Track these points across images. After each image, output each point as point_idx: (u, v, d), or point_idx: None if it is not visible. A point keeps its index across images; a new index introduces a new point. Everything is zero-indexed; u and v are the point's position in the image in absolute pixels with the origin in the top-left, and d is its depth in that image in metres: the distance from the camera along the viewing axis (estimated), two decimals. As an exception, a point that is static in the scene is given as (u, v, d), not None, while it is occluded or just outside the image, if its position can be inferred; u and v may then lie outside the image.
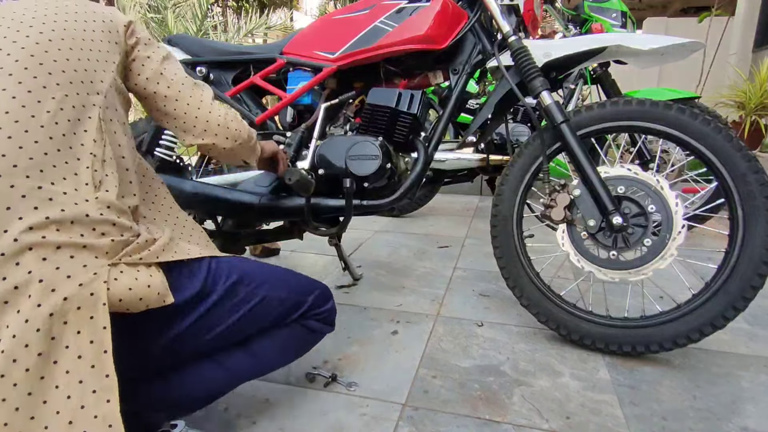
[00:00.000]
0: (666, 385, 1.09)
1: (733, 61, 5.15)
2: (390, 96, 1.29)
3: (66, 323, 0.59)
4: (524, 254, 1.30)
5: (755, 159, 1.09)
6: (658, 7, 9.18)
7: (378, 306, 1.51)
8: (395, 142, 1.33)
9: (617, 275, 1.18)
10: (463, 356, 1.21)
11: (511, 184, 1.31)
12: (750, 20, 5.24)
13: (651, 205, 1.15)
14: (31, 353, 0.56)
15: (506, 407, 1.00)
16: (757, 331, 1.37)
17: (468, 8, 1.39)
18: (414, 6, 1.34)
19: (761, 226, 1.06)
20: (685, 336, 1.12)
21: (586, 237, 1.20)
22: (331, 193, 1.35)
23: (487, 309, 1.49)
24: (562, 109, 1.20)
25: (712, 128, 1.11)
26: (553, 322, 1.25)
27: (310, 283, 0.96)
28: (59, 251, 0.61)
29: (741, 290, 1.07)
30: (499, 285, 1.69)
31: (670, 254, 1.13)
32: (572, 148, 1.19)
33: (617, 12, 2.34)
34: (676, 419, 0.97)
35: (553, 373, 1.13)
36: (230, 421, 0.96)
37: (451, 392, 1.05)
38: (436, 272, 1.83)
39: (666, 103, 1.15)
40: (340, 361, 1.18)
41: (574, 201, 1.20)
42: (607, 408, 1.00)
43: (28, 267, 0.59)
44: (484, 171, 2.27)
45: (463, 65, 1.39)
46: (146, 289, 0.67)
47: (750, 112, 3.74)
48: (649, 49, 1.21)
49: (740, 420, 0.97)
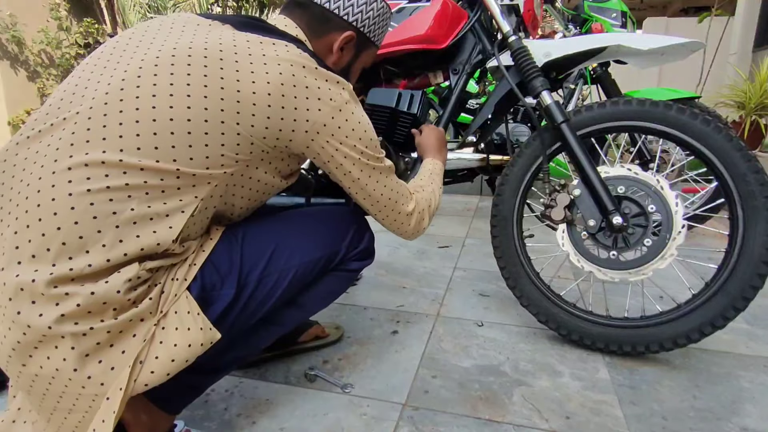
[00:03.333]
0: (666, 385, 1.09)
1: (733, 61, 5.15)
2: (390, 96, 1.29)
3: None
4: (524, 254, 1.30)
5: (755, 159, 1.08)
6: (658, 7, 9.18)
7: (378, 306, 1.51)
8: (395, 142, 1.33)
9: (617, 275, 1.18)
10: (463, 356, 1.21)
11: (511, 184, 1.31)
12: (750, 20, 5.24)
13: (651, 205, 1.15)
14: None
15: (506, 407, 1.00)
16: (757, 331, 1.37)
17: (468, 8, 1.39)
18: (414, 6, 1.34)
19: (761, 226, 1.06)
20: (685, 336, 1.12)
21: (586, 237, 1.20)
22: (331, 192, 1.35)
23: (487, 309, 1.49)
24: (562, 109, 1.20)
25: (712, 128, 1.11)
26: (553, 322, 1.25)
27: (341, 226, 0.93)
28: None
29: (741, 290, 1.07)
30: (499, 285, 1.69)
31: (670, 254, 1.13)
32: (572, 148, 1.19)
33: (617, 12, 2.34)
34: (676, 419, 0.97)
35: (553, 373, 1.13)
36: (230, 421, 0.96)
37: (451, 392, 1.05)
38: (436, 272, 1.83)
39: (666, 103, 1.15)
40: (340, 361, 1.18)
41: (574, 201, 1.20)
42: (607, 408, 1.00)
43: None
44: (484, 171, 2.26)
45: (463, 65, 1.39)
46: (192, 339, 0.69)
47: (750, 112, 3.73)
48: (649, 49, 1.21)
49: (740, 420, 0.97)
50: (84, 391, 0.63)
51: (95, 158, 0.63)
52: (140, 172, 0.65)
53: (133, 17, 4.52)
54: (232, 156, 0.72)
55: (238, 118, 0.71)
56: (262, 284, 0.79)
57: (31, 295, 0.60)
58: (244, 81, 0.71)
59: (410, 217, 0.95)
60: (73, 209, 0.62)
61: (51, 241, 0.61)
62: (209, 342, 0.70)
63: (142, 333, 0.65)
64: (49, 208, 0.62)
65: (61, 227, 0.61)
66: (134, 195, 0.65)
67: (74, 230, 0.62)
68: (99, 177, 0.63)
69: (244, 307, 0.77)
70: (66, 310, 0.60)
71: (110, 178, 0.63)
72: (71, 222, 0.61)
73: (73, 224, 0.62)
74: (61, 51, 4.78)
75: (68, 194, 0.62)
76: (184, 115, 0.67)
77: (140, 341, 0.65)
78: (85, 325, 0.61)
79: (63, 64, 4.86)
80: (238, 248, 0.79)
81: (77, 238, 0.62)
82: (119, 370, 0.63)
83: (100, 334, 0.62)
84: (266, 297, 0.80)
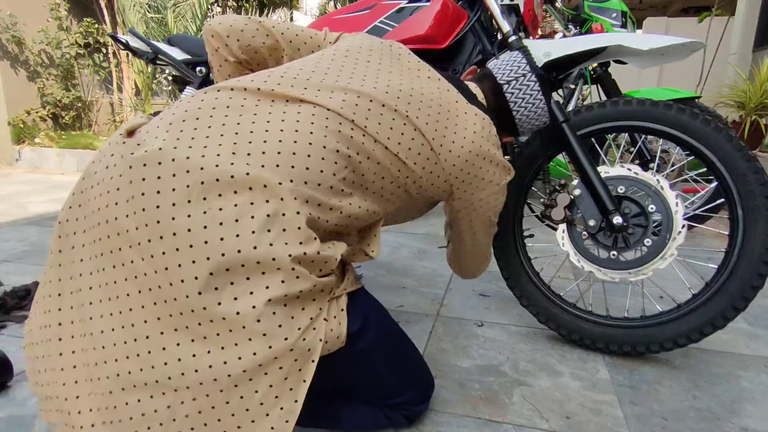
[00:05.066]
0: (666, 385, 1.09)
1: (733, 61, 5.15)
2: None
3: (281, 368, 0.63)
4: (524, 254, 1.30)
5: (755, 159, 1.08)
6: (658, 7, 9.18)
7: (378, 306, 1.51)
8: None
9: (617, 275, 1.18)
10: (463, 356, 1.21)
11: (511, 184, 1.30)
12: (750, 20, 5.24)
13: (651, 205, 1.15)
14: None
15: (506, 407, 1.00)
16: (757, 331, 1.37)
17: (468, 8, 1.39)
18: (414, 6, 1.34)
19: (761, 226, 1.06)
20: (685, 336, 1.12)
21: (586, 237, 1.20)
22: None
23: (487, 309, 1.49)
24: (562, 109, 1.20)
25: (712, 128, 1.11)
26: (553, 322, 1.25)
27: (422, 375, 0.91)
28: (298, 300, 0.65)
29: (741, 290, 1.07)
30: (499, 285, 1.69)
31: (670, 254, 1.13)
32: (572, 147, 1.19)
33: (617, 12, 2.34)
34: (676, 419, 0.97)
35: (553, 373, 1.13)
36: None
37: (451, 392, 1.05)
38: (436, 272, 1.83)
39: (666, 103, 1.15)
40: (340, 361, 1.18)
41: (574, 201, 1.20)
42: (607, 408, 1.00)
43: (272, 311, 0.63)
44: (484, 171, 2.26)
45: (464, 65, 1.39)
46: (338, 331, 0.70)
47: (750, 112, 3.73)
48: (649, 49, 1.21)
49: (740, 420, 0.97)
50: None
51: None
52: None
53: (132, 17, 4.51)
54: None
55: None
56: (366, 351, 0.78)
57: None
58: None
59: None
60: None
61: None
62: (337, 347, 0.71)
63: (320, 303, 0.69)
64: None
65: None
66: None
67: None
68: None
69: (359, 350, 0.76)
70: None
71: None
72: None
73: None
74: (61, 51, 4.77)
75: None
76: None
77: (316, 310, 0.68)
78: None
79: (63, 64, 4.86)
80: (367, 299, 0.81)
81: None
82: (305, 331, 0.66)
83: (307, 282, 0.65)
84: (357, 363, 0.79)
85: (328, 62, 0.83)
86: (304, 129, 0.71)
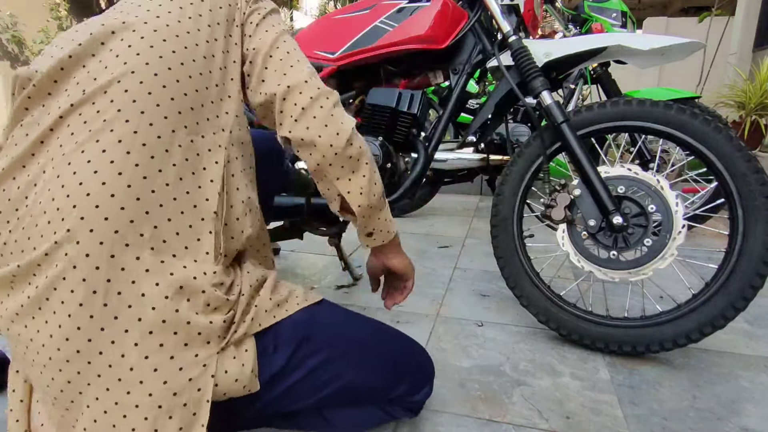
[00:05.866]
0: (666, 385, 1.09)
1: (733, 61, 5.15)
2: (390, 96, 1.29)
3: (171, 418, 0.58)
4: (524, 254, 1.30)
5: (755, 159, 1.08)
6: (658, 7, 9.18)
7: (378, 306, 1.51)
8: (395, 142, 1.33)
9: (617, 275, 1.18)
10: (463, 356, 1.21)
11: (511, 184, 1.31)
12: (750, 20, 5.24)
13: (651, 205, 1.15)
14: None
15: (506, 407, 1.00)
16: (757, 331, 1.37)
17: (468, 8, 1.39)
18: (414, 6, 1.34)
19: (761, 226, 1.06)
20: (685, 336, 1.12)
21: (586, 237, 1.20)
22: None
23: (487, 309, 1.49)
24: (562, 109, 1.20)
25: (712, 128, 1.11)
26: (553, 322, 1.25)
27: (410, 363, 0.83)
28: (176, 336, 0.58)
29: (741, 290, 1.07)
30: (499, 285, 1.69)
31: (670, 254, 1.13)
32: (572, 148, 1.19)
33: (617, 12, 2.34)
34: (676, 419, 0.97)
35: (553, 373, 1.13)
36: None
37: (451, 392, 1.05)
38: (436, 272, 1.83)
39: (666, 103, 1.15)
40: (340, 361, 1.18)
41: (574, 201, 1.20)
42: (607, 408, 1.00)
43: (146, 351, 0.56)
44: (484, 171, 2.26)
45: (464, 65, 1.39)
46: (240, 375, 0.62)
47: (750, 112, 3.73)
48: (649, 49, 1.21)
49: (740, 420, 0.97)
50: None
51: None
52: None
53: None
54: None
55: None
56: (310, 377, 0.70)
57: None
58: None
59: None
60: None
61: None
62: (248, 390, 0.64)
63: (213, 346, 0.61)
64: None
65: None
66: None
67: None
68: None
69: (281, 394, 0.69)
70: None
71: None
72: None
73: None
74: (61, 51, 4.78)
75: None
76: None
77: (214, 349, 0.61)
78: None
79: (63, 63, 4.86)
80: (307, 324, 0.71)
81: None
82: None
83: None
84: (307, 392, 0.71)
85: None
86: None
